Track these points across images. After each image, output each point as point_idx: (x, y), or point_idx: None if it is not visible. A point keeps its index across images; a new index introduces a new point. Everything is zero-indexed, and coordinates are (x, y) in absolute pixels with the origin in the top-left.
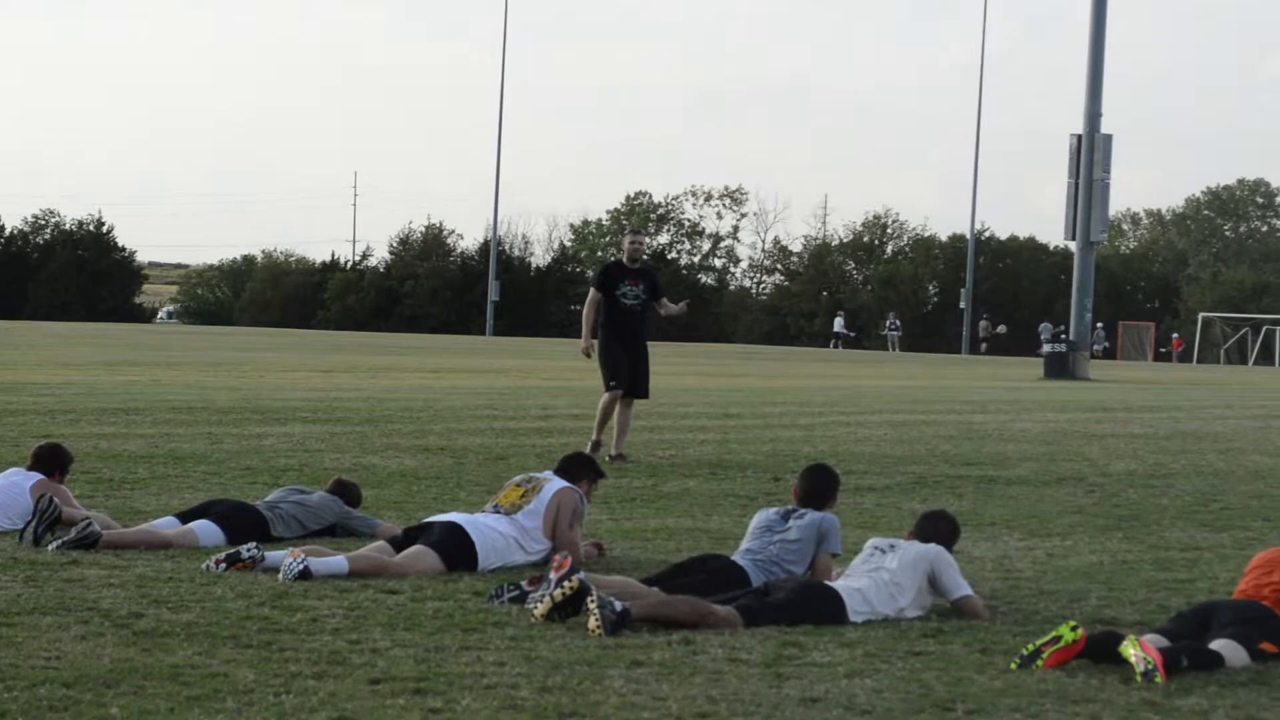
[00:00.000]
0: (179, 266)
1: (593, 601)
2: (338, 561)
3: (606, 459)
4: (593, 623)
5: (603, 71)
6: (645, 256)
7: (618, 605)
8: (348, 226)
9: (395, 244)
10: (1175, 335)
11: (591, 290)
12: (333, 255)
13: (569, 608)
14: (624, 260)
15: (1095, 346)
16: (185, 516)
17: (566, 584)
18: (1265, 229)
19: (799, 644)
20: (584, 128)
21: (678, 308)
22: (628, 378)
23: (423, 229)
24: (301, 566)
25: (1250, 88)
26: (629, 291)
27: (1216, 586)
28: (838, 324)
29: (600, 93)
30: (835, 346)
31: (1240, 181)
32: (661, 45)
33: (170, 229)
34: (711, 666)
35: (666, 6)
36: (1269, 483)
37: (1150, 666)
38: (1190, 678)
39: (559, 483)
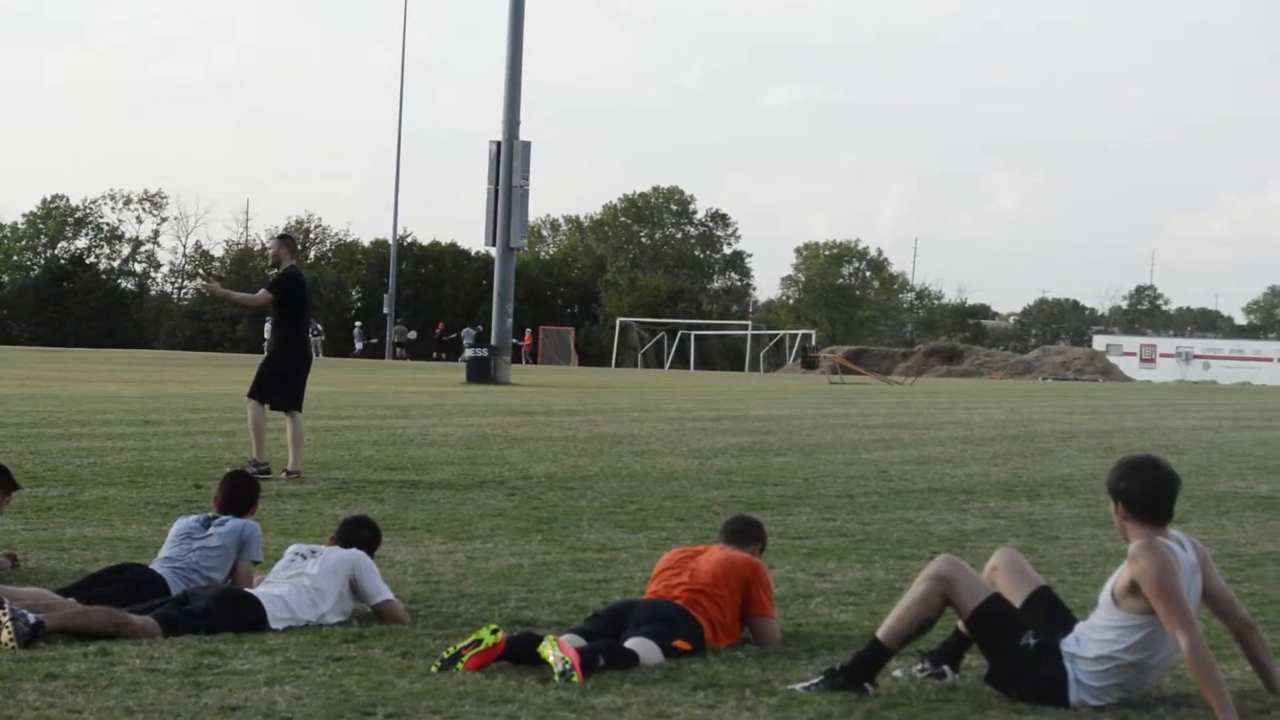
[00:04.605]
0: None
1: (5, 613)
2: None
3: (283, 475)
4: (5, 635)
5: (14, 69)
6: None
7: (31, 617)
8: None
9: None
10: (527, 331)
11: None
12: None
13: None
14: None
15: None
16: None
17: None
18: (679, 235)
19: (219, 652)
20: None
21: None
22: (265, 390)
23: None
24: None
25: (667, 97)
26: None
27: (632, 586)
28: (268, 330)
29: (12, 93)
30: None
31: (655, 189)
32: (78, 43)
33: None
34: (129, 677)
35: (82, 4)
36: (682, 484)
37: (568, 666)
38: (606, 676)
39: None
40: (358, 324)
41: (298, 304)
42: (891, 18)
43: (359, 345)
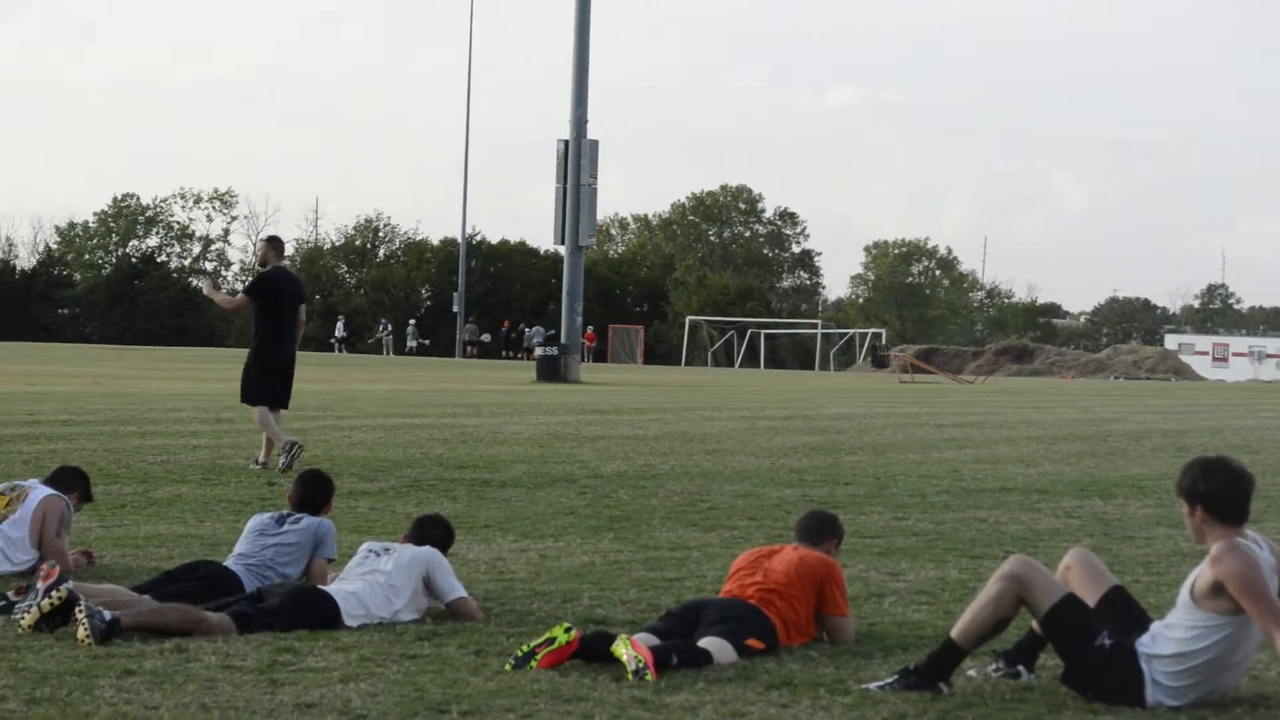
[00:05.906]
0: None
1: (81, 611)
2: None
3: (254, 465)
4: (82, 632)
5: (85, 68)
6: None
7: (107, 614)
8: None
9: None
10: (590, 328)
11: None
12: None
13: (57, 618)
14: None
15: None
16: None
17: (54, 594)
18: (748, 234)
19: (293, 649)
20: (69, 127)
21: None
22: (244, 390)
23: None
24: None
25: (734, 96)
26: None
27: (704, 585)
28: (339, 328)
29: (84, 91)
30: (340, 350)
31: (724, 188)
32: (145, 41)
33: None
34: (205, 674)
35: (153, 3)
36: (754, 482)
37: (641, 665)
38: (680, 675)
39: (44, 490)
40: (411, 321)
41: (268, 304)
42: (956, 17)
43: (412, 344)
